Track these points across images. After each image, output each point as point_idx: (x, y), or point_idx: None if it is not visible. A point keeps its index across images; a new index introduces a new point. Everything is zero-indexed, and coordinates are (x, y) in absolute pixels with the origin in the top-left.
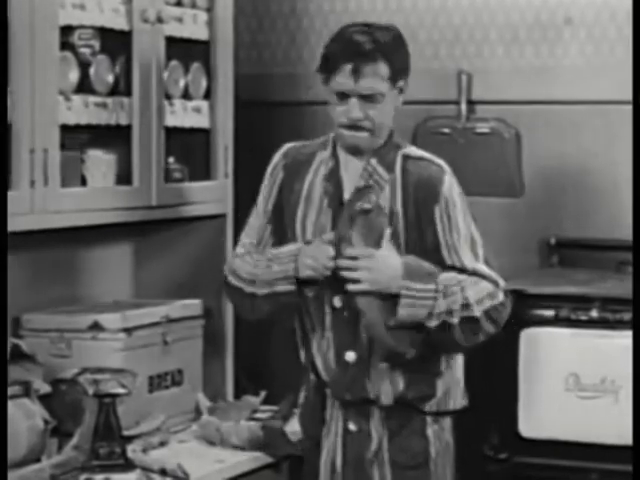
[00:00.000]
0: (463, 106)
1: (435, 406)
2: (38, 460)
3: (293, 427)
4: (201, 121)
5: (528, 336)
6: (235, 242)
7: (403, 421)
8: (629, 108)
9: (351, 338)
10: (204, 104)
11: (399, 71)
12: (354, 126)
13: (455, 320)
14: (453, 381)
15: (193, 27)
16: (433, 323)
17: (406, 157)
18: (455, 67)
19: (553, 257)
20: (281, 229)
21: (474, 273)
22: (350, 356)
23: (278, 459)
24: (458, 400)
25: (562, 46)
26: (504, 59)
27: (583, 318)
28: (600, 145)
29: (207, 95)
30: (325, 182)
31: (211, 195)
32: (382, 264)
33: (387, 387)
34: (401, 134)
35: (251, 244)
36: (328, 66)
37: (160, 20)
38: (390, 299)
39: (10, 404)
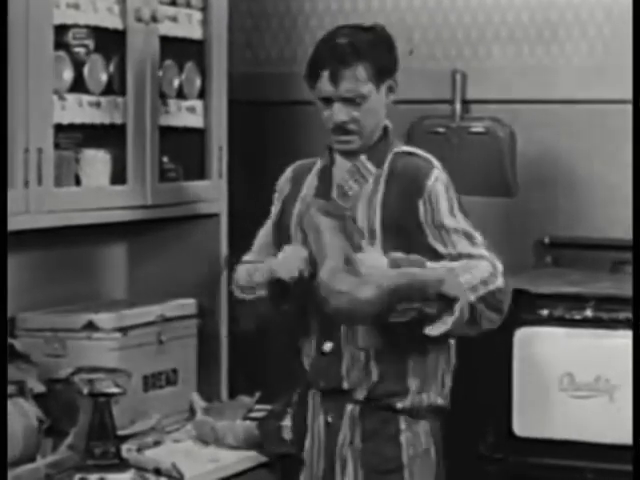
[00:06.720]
0: (457, 105)
1: (409, 403)
2: (33, 459)
3: (288, 426)
4: (195, 120)
5: (522, 335)
6: (230, 241)
7: (376, 424)
8: (627, 108)
9: (330, 329)
10: (198, 104)
11: (382, 71)
12: (341, 129)
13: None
14: (427, 376)
15: (187, 26)
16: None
17: (397, 153)
18: (450, 66)
19: (547, 257)
20: (281, 238)
21: (469, 256)
22: (327, 346)
23: (273, 458)
24: (433, 397)
25: (558, 45)
26: (499, 59)
27: (577, 317)
28: (595, 145)
29: (201, 95)
30: (317, 179)
31: (205, 194)
32: (372, 264)
33: (361, 379)
34: (395, 133)
35: (254, 253)
36: (310, 73)
37: (154, 19)
38: None
39: None
